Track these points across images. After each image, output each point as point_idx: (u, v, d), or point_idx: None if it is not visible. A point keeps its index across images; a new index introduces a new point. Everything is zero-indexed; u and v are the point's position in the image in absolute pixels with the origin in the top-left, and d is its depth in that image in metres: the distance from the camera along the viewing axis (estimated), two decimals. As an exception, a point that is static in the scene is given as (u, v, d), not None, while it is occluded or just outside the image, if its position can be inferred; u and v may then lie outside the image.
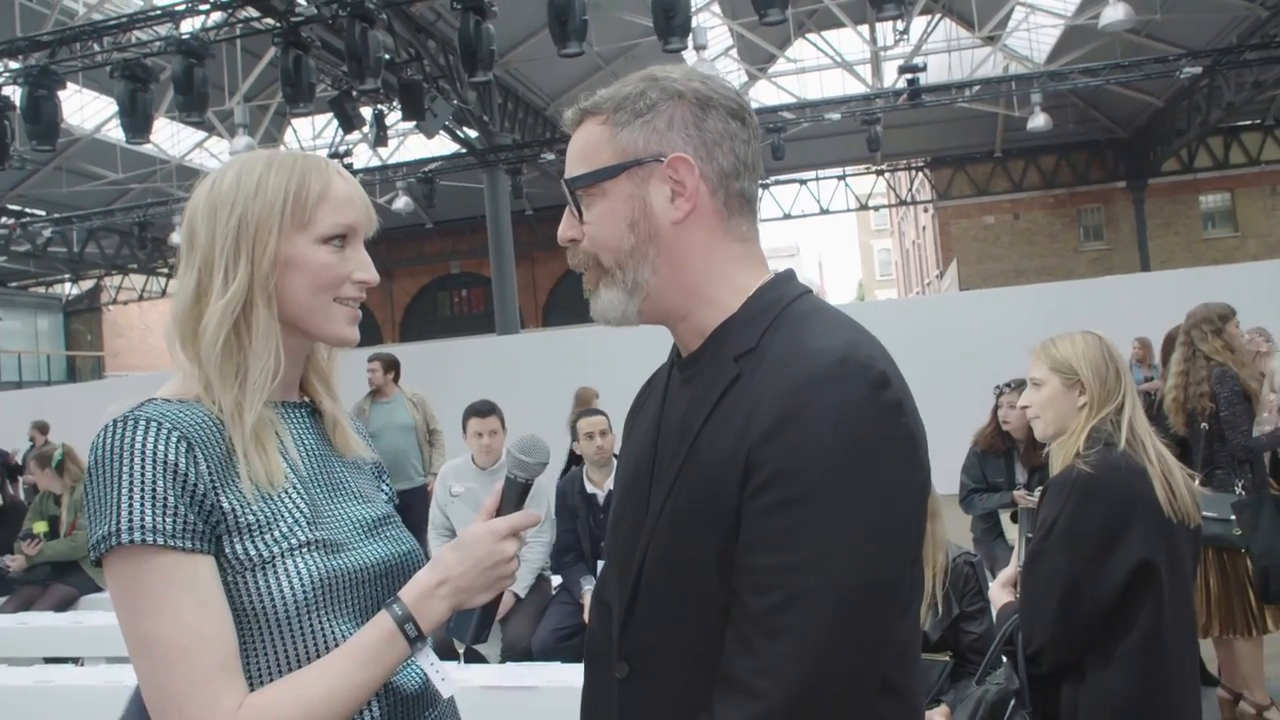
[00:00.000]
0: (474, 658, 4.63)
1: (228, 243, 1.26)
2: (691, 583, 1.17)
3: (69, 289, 30.80)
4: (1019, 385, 4.96)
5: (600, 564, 5.00)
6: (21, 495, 9.21)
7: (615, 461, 5.11)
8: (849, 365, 1.12)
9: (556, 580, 5.19)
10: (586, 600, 4.74)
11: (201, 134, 20.86)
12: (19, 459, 12.07)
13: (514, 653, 4.66)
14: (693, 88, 1.26)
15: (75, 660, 5.33)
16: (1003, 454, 5.11)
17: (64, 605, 6.28)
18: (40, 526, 6.52)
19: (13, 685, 4.26)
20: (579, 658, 4.90)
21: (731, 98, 1.28)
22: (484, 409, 5.21)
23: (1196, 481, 4.23)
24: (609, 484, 5.05)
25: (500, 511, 1.33)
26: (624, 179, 1.25)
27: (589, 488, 5.08)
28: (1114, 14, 12.79)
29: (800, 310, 1.24)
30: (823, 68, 21.62)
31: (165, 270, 28.15)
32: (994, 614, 2.61)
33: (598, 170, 1.26)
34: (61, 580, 6.45)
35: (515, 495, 1.35)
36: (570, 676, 3.68)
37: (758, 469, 1.11)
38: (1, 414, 13.42)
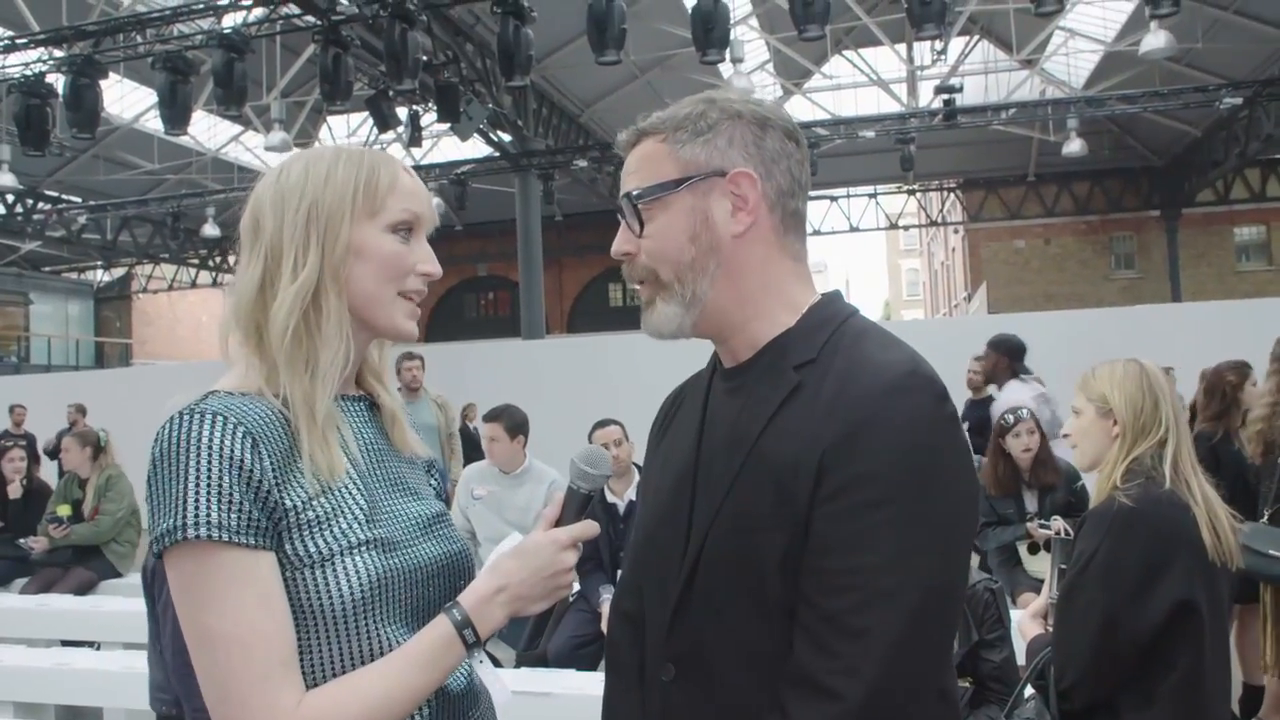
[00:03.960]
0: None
1: (298, 230, 1.25)
2: (751, 584, 1.19)
3: (100, 276, 31.15)
4: (1020, 417, 4.92)
5: (620, 573, 4.99)
6: (48, 478, 9.27)
7: (635, 470, 5.09)
8: (918, 378, 1.17)
9: (574, 588, 5.18)
10: (604, 609, 4.72)
11: (238, 128, 21.04)
12: (54, 440, 12.19)
13: (530, 659, 4.66)
14: (750, 109, 1.30)
15: (93, 644, 5.37)
16: (1011, 493, 5.03)
17: (84, 589, 6.33)
18: (64, 509, 6.57)
19: (31, 666, 4.29)
20: (595, 665, 4.90)
21: (786, 119, 1.32)
22: (488, 415, 5.28)
23: (1266, 516, 4.14)
24: (629, 493, 5.03)
25: (561, 521, 1.33)
26: (686, 192, 1.28)
27: (609, 497, 5.06)
28: (1155, 41, 12.68)
29: (856, 327, 1.28)
30: (858, 85, 21.59)
31: (196, 261, 28.42)
32: (1023, 645, 2.57)
33: (663, 183, 1.28)
34: (82, 564, 6.50)
35: (577, 506, 1.35)
36: (586, 684, 3.68)
37: (833, 473, 1.13)
38: (31, 398, 13.54)
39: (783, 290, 1.30)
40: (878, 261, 60.79)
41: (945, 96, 16.25)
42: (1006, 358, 6.22)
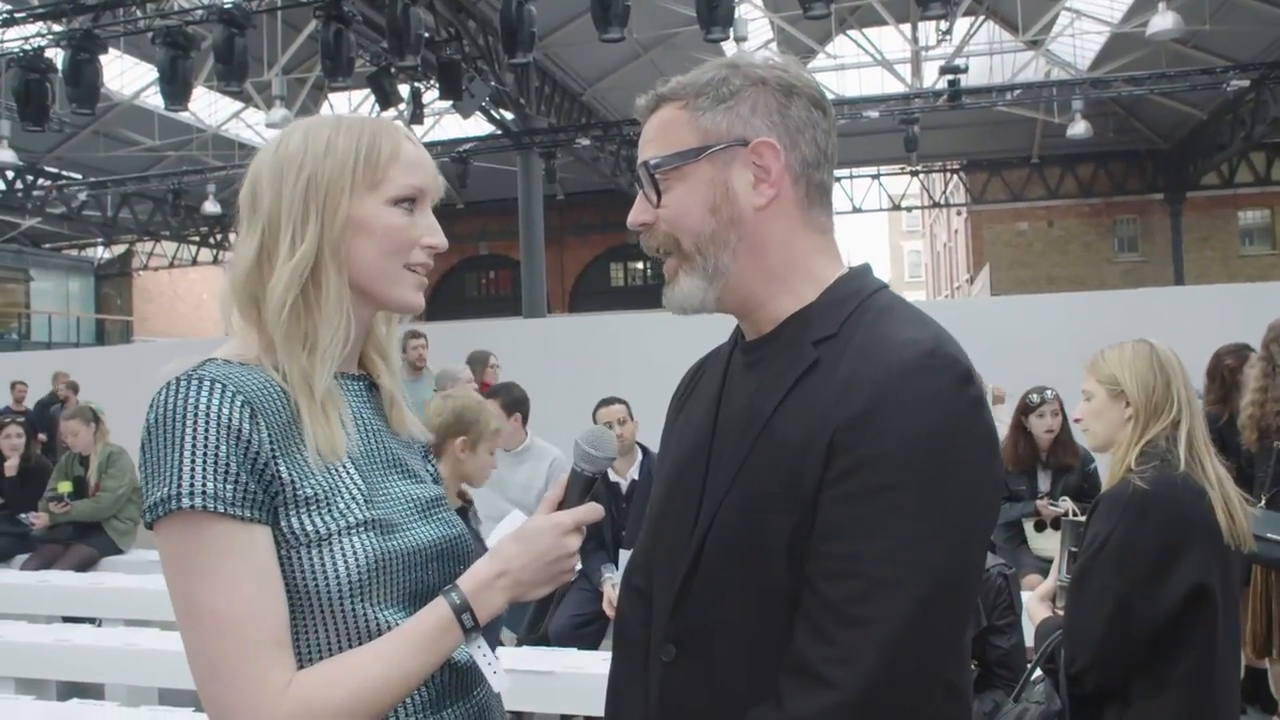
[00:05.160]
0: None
1: (296, 203, 1.21)
2: (757, 566, 1.15)
3: (101, 253, 31.08)
4: (1045, 398, 4.92)
5: (622, 553, 5.00)
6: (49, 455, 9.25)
7: (638, 449, 5.09)
8: (939, 358, 1.11)
9: (576, 566, 5.17)
10: (606, 588, 4.72)
11: (238, 105, 20.93)
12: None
13: (532, 643, 4.65)
14: (775, 75, 1.24)
15: (93, 620, 5.37)
16: (1027, 470, 5.06)
17: (84, 566, 6.33)
18: (65, 486, 6.57)
19: (32, 642, 4.30)
20: (596, 644, 4.88)
21: (813, 86, 1.26)
22: (486, 392, 5.26)
23: (1263, 501, 4.14)
24: (632, 472, 5.03)
25: (564, 504, 1.29)
26: (705, 162, 1.23)
27: (612, 476, 5.05)
28: (1162, 23, 12.63)
29: (881, 303, 1.22)
30: (862, 65, 21.45)
31: (196, 238, 28.36)
32: (1031, 627, 2.55)
33: (681, 152, 1.23)
34: (83, 540, 6.50)
35: (580, 489, 1.31)
36: (587, 662, 3.67)
37: (842, 454, 1.09)
38: (31, 374, 13.51)
39: (807, 264, 1.25)
40: (880, 243, 60.55)
41: (950, 77, 16.15)
42: None
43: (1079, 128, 17.27)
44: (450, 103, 13.65)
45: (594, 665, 3.60)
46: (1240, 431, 4.54)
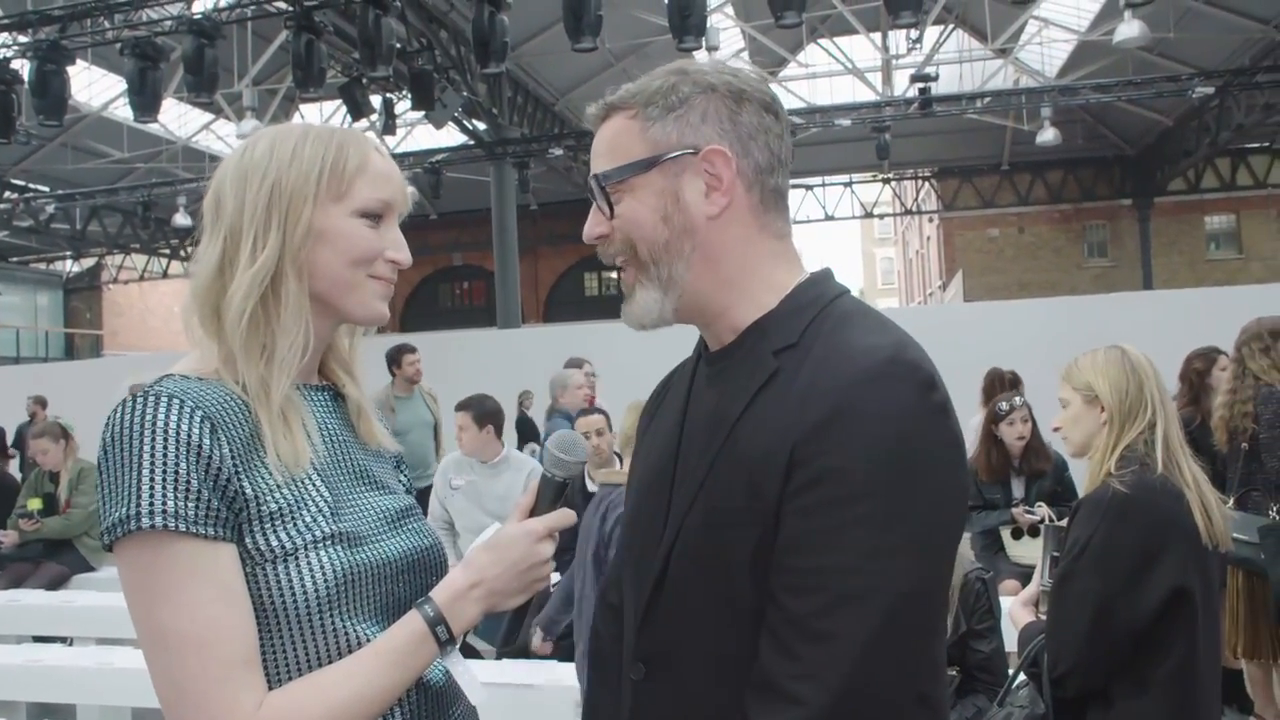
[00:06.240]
0: (470, 654, 4.59)
1: (258, 210, 1.19)
2: (722, 582, 1.13)
3: (70, 266, 30.74)
4: (1014, 405, 4.97)
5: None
6: (16, 472, 9.12)
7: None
8: (899, 365, 1.09)
9: (555, 578, 5.15)
10: (584, 599, 4.69)
11: (209, 116, 20.79)
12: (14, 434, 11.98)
13: (511, 654, 4.63)
14: (725, 80, 1.22)
15: (65, 640, 5.30)
16: (1001, 479, 5.09)
17: (55, 584, 6.24)
18: (35, 503, 6.47)
19: (2, 663, 4.23)
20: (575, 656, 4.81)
21: (764, 91, 1.24)
22: (459, 404, 5.21)
23: (1230, 502, 4.19)
24: (610, 482, 5.02)
25: (535, 511, 1.28)
26: (656, 173, 1.20)
27: (590, 486, 5.03)
28: (1129, 31, 12.76)
29: (842, 309, 1.20)
30: (833, 74, 21.59)
31: (167, 251, 28.12)
32: (1014, 632, 2.56)
33: (631, 164, 1.21)
34: (54, 558, 6.40)
35: (552, 495, 1.29)
36: (566, 675, 3.66)
37: (803, 466, 1.06)
38: (-2, 389, 13.35)
39: (764, 271, 1.23)
40: (852, 250, 60.81)
41: (921, 85, 16.26)
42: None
43: (1048, 135, 17.45)
44: (423, 113, 13.59)
45: (574, 678, 3.58)
46: (1213, 433, 4.60)
